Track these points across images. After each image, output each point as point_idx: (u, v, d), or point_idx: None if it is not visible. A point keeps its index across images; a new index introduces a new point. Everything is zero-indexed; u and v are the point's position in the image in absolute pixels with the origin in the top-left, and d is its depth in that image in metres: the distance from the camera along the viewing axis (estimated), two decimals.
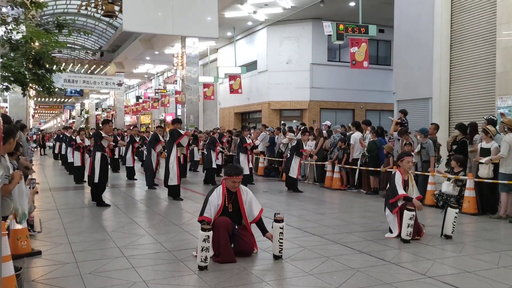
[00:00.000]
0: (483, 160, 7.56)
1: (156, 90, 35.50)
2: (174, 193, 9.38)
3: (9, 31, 9.71)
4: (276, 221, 4.86)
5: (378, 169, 10.07)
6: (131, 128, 16.73)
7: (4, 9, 9.88)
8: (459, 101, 11.78)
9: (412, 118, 11.45)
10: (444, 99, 11.96)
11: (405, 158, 6.18)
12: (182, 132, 9.55)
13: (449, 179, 8.22)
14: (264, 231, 5.06)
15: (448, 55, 11.99)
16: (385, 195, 6.53)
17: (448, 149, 9.15)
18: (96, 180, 8.54)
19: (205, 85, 24.07)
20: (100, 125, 12.95)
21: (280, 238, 4.83)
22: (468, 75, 11.52)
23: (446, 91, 11.98)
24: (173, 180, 9.31)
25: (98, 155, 8.57)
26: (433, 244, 5.58)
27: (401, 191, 5.93)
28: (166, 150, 9.78)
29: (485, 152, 7.75)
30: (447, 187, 8.11)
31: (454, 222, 5.91)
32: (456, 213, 5.95)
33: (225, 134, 15.77)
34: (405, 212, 5.63)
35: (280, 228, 4.82)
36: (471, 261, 4.86)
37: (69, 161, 14.88)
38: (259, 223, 5.09)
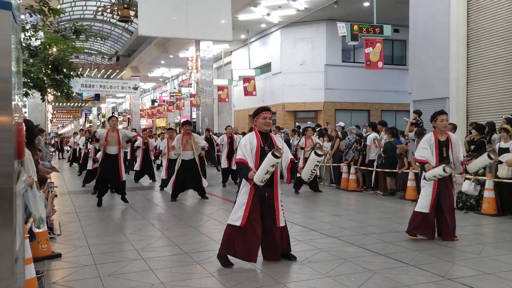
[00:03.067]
0: (504, 159, 7.42)
1: (171, 94, 35.78)
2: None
3: (28, 37, 9.90)
4: (316, 154, 4.76)
5: (395, 170, 9.99)
6: (146, 130, 16.81)
7: (22, 16, 10.08)
8: (477, 100, 11.61)
9: (429, 118, 11.30)
10: (462, 98, 11.79)
11: (439, 117, 5.74)
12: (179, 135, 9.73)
13: (469, 178, 8.10)
14: (295, 171, 4.87)
15: (465, 54, 11.83)
16: None
17: (465, 149, 9.03)
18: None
19: (220, 88, 24.18)
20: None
21: (313, 169, 4.85)
22: (486, 74, 11.34)
23: (463, 91, 11.81)
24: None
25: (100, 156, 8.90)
26: (452, 246, 5.51)
27: (418, 154, 5.71)
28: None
29: (504, 152, 7.62)
30: (468, 187, 8.00)
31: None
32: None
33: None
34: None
35: (318, 161, 4.79)
36: (491, 263, 4.79)
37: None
38: (292, 167, 4.84)
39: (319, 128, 14.54)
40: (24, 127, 2.37)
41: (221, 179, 12.38)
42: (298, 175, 10.72)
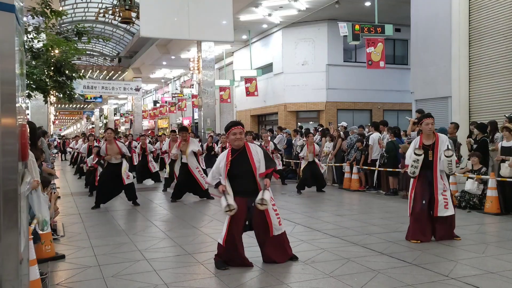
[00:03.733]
0: (507, 162, 7.42)
1: (173, 95, 35.84)
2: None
3: (30, 39, 9.92)
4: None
5: (397, 169, 9.98)
6: (144, 135, 16.76)
7: (25, 18, 10.09)
8: (479, 99, 11.60)
9: None
10: (464, 97, 11.79)
11: (424, 120, 5.70)
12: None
13: (472, 177, 8.08)
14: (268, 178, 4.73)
15: (466, 52, 11.82)
16: None
17: (468, 149, 9.03)
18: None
19: (222, 89, 24.20)
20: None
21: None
22: (488, 72, 11.33)
23: (465, 90, 11.80)
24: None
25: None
26: (455, 245, 5.51)
27: (407, 161, 5.80)
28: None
29: (507, 150, 7.61)
30: (471, 186, 7.98)
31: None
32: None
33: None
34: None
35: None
36: (494, 262, 4.78)
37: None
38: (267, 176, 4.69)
39: (321, 128, 14.55)
40: (28, 129, 2.38)
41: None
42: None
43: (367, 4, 17.59)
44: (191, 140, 9.87)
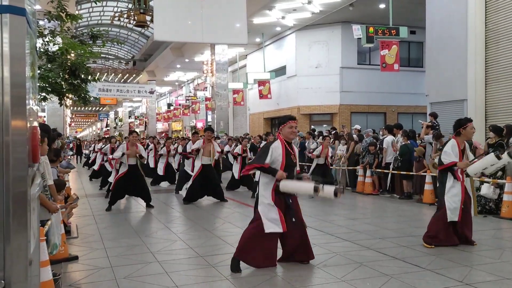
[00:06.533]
0: None
1: (186, 97, 36.05)
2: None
3: (46, 43, 10.06)
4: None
5: (411, 173, 9.86)
6: (171, 139, 16.74)
7: (41, 22, 10.26)
8: (496, 102, 11.39)
9: (447, 120, 11.15)
10: (480, 100, 11.59)
11: (469, 124, 5.58)
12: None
13: (488, 182, 7.94)
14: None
15: (483, 55, 11.63)
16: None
17: (485, 151, 8.87)
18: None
19: (235, 91, 24.24)
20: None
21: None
22: (505, 75, 11.13)
23: (481, 92, 11.61)
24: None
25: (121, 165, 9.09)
26: (470, 250, 5.40)
27: (445, 159, 5.44)
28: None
29: None
30: (487, 190, 7.84)
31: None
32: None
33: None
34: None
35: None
36: (511, 268, 4.68)
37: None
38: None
39: (334, 131, 14.46)
40: (39, 131, 2.39)
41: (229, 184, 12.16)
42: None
43: (382, 6, 17.46)
44: (214, 143, 9.83)
